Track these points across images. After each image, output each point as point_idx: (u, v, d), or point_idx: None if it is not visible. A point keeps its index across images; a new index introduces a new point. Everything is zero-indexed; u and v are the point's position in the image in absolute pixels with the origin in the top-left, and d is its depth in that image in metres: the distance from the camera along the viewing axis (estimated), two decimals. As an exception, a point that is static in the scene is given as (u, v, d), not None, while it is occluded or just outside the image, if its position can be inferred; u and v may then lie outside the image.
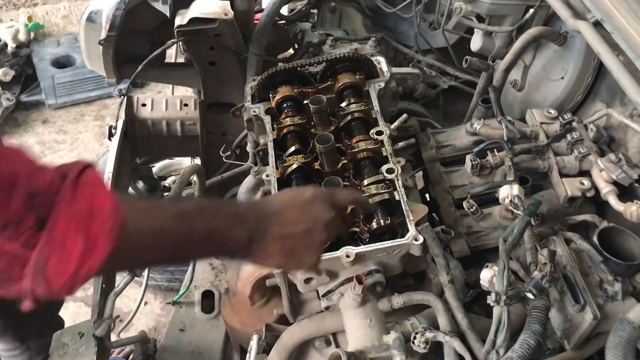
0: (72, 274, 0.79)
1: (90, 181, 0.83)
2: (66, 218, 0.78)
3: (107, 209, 0.81)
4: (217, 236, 1.00)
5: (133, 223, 0.87)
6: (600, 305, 1.18)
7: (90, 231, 0.79)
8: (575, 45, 1.74)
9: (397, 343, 1.15)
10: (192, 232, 0.96)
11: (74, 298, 3.36)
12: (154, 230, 0.91)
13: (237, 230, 1.02)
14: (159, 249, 0.94)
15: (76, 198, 0.80)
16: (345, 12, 2.55)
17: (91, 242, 0.79)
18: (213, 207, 1.03)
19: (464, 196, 1.59)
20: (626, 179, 1.41)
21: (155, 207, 0.96)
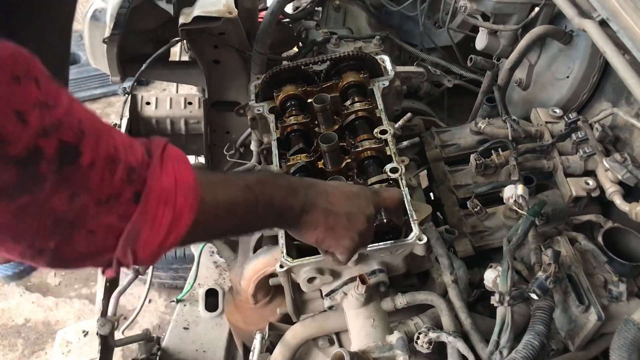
0: (159, 245, 0.84)
1: (174, 157, 0.88)
2: (156, 191, 0.83)
3: (190, 182, 0.87)
4: (277, 206, 1.06)
5: (210, 195, 0.93)
6: (604, 306, 1.18)
7: (177, 203, 0.84)
8: (580, 44, 1.73)
9: (400, 343, 1.14)
10: (258, 203, 1.02)
11: (79, 295, 3.37)
12: (228, 201, 0.97)
13: (291, 200, 1.08)
14: (232, 219, 1.00)
15: (164, 172, 0.85)
16: (350, 10, 2.54)
17: (177, 213, 0.84)
18: (272, 178, 1.10)
19: (468, 195, 1.58)
20: (632, 179, 1.40)
21: (227, 179, 1.02)
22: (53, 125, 0.74)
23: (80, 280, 3.45)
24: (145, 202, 0.82)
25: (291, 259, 1.23)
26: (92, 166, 0.77)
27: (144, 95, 2.66)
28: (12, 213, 0.74)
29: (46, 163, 0.73)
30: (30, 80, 0.73)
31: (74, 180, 0.76)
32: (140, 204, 0.81)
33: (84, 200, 0.77)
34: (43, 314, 3.29)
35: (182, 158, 0.90)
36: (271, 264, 1.45)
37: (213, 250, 2.34)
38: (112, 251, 0.83)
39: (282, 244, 1.27)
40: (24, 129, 0.70)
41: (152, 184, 0.82)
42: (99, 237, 0.81)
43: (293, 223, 1.12)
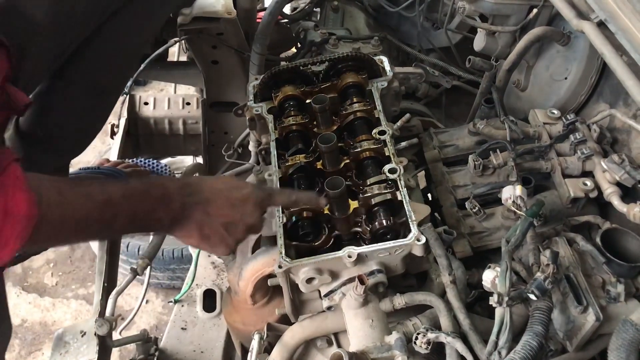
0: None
1: (8, 182, 0.87)
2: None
3: (22, 212, 0.86)
4: (141, 219, 1.06)
5: (57, 214, 0.92)
6: (602, 307, 1.18)
7: (2, 234, 0.85)
8: (579, 46, 1.74)
9: (398, 343, 1.14)
10: (116, 219, 1.02)
11: (76, 296, 3.37)
12: (79, 220, 0.96)
13: (161, 213, 1.08)
14: (83, 234, 1.01)
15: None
16: (348, 11, 2.54)
17: (2, 243, 0.85)
18: (141, 190, 1.08)
19: (466, 196, 1.59)
20: (629, 180, 1.40)
21: (82, 195, 0.99)
22: None
23: (78, 281, 3.44)
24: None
25: (290, 259, 1.23)
26: None
27: (142, 95, 2.66)
28: None
29: None
30: None
31: None
32: None
33: None
34: (40, 314, 3.28)
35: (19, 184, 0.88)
36: (270, 265, 1.45)
37: (211, 251, 2.33)
38: None
39: (281, 245, 1.27)
40: None
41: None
42: None
43: (162, 231, 1.15)
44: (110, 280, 1.74)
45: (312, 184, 1.41)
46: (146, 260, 1.69)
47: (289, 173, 1.41)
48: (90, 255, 3.49)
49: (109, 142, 2.67)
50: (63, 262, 3.53)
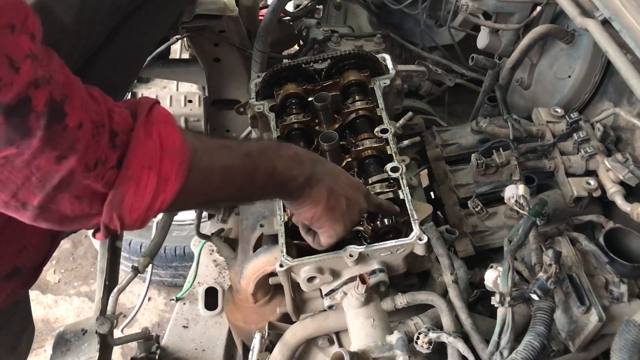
0: (145, 210, 0.84)
1: (160, 119, 0.87)
2: (140, 156, 0.82)
3: (177, 146, 0.85)
4: (279, 175, 1.05)
5: (205, 160, 0.92)
6: (605, 307, 1.17)
7: (162, 168, 0.83)
8: (582, 44, 1.73)
9: (400, 343, 1.14)
10: (257, 171, 1.01)
11: (78, 293, 3.37)
12: (225, 167, 0.96)
13: (296, 171, 1.07)
14: (228, 186, 0.99)
15: (148, 136, 0.84)
16: (351, 9, 2.54)
17: (163, 178, 0.83)
18: (275, 147, 1.09)
19: (469, 195, 1.58)
20: (633, 179, 1.39)
21: (225, 146, 1.00)
22: (44, 78, 0.74)
23: (80, 278, 3.45)
24: (127, 167, 0.81)
25: (291, 258, 1.23)
26: (79, 129, 0.76)
27: (144, 92, 2.66)
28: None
29: (35, 116, 0.73)
30: (25, 32, 0.73)
31: (61, 141, 0.75)
32: (123, 169, 0.81)
33: (71, 164, 0.77)
34: (42, 311, 3.29)
35: (169, 120, 0.88)
36: (271, 263, 1.45)
37: (213, 249, 2.34)
38: (98, 217, 0.83)
39: (282, 243, 1.26)
40: (15, 76, 0.70)
41: (135, 148, 0.82)
42: (85, 202, 0.81)
43: (294, 195, 1.10)
44: (111, 278, 1.73)
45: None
46: (148, 258, 1.69)
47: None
48: (93, 252, 3.50)
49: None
50: (65, 259, 3.54)
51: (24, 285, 1.28)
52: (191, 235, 2.49)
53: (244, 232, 1.63)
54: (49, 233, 1.30)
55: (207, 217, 2.44)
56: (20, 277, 1.23)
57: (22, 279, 1.24)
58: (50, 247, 1.30)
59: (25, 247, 1.21)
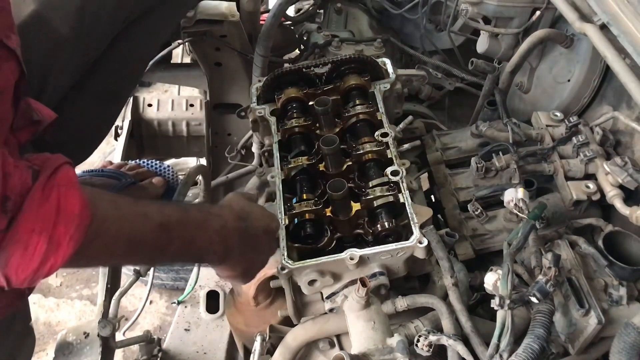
0: (32, 272, 0.82)
1: (62, 182, 0.84)
2: (31, 220, 0.80)
3: (75, 211, 0.83)
4: (196, 249, 1.04)
5: (112, 229, 0.89)
6: (604, 310, 1.18)
7: (55, 232, 0.81)
8: (581, 48, 1.74)
9: (400, 346, 1.14)
10: (171, 244, 0.99)
11: (80, 296, 3.38)
12: (133, 238, 0.93)
13: (217, 246, 1.06)
14: (133, 255, 0.97)
15: (45, 199, 0.81)
16: (351, 13, 2.55)
17: (54, 243, 0.81)
18: (200, 219, 1.06)
19: (469, 199, 1.59)
20: (632, 183, 1.40)
21: (140, 214, 0.96)
22: None
23: (82, 281, 3.46)
24: (16, 230, 0.80)
25: (292, 261, 1.24)
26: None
27: (146, 97, 2.67)
28: None
29: None
30: None
31: None
32: (11, 232, 0.79)
33: None
34: (44, 314, 3.29)
35: (73, 183, 0.86)
36: (272, 267, 1.45)
37: (214, 252, 2.34)
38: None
39: (283, 247, 1.27)
40: None
41: (27, 212, 0.80)
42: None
43: (211, 264, 1.13)
44: (113, 282, 1.74)
45: (314, 186, 1.42)
46: (149, 262, 1.70)
47: (292, 175, 1.42)
48: (94, 256, 3.49)
49: (113, 143, 2.68)
50: (67, 262, 3.54)
51: (19, 297, 1.27)
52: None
53: (245, 236, 1.63)
54: None
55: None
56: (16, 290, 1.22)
57: (17, 291, 1.23)
58: None
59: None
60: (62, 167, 0.86)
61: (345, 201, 1.31)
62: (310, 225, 1.32)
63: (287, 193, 1.40)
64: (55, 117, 1.19)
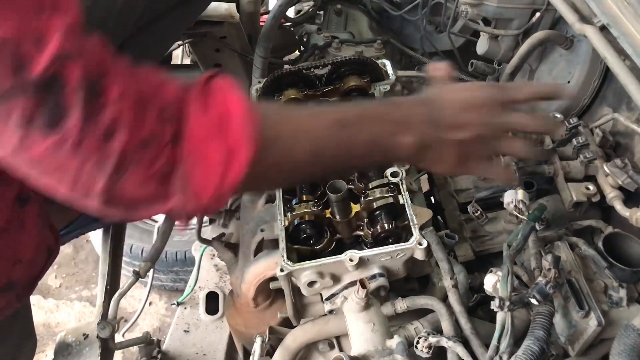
0: (218, 183, 0.75)
1: (220, 86, 0.79)
2: (201, 126, 0.74)
3: (244, 111, 0.77)
4: (382, 144, 0.92)
5: (284, 129, 0.82)
6: (604, 312, 1.17)
7: (229, 136, 0.75)
8: (581, 50, 1.74)
9: (400, 347, 1.14)
10: (353, 142, 0.89)
11: (79, 298, 3.38)
12: (312, 138, 0.85)
13: (405, 137, 0.92)
14: (317, 161, 0.88)
15: (209, 104, 0.76)
16: (351, 14, 2.55)
17: (231, 146, 0.75)
18: (377, 111, 0.95)
19: (468, 200, 1.59)
20: (632, 185, 1.40)
21: (310, 114, 0.90)
22: (77, 51, 0.68)
23: (81, 283, 3.46)
24: (188, 141, 0.73)
25: (291, 263, 1.24)
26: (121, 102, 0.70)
27: (145, 98, 2.67)
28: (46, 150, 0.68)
29: (70, 92, 0.67)
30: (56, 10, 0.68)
31: (103, 117, 0.69)
32: (183, 144, 0.73)
33: (122, 140, 0.70)
34: (44, 316, 3.29)
35: (232, 86, 0.79)
36: (272, 268, 1.45)
37: (214, 253, 2.34)
38: (169, 199, 0.75)
39: (283, 248, 1.27)
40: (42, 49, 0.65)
41: (192, 120, 0.74)
42: (152, 183, 0.74)
43: (410, 159, 1.00)
44: (112, 283, 1.74)
45: (314, 187, 1.41)
46: (149, 263, 1.69)
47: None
48: (94, 256, 3.50)
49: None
50: (67, 263, 3.54)
51: (19, 299, 1.25)
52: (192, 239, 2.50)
53: (244, 237, 1.63)
54: (45, 246, 1.27)
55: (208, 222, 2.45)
56: (15, 291, 1.20)
57: (17, 293, 1.22)
58: (46, 261, 1.27)
59: (19, 260, 1.17)
60: (215, 75, 0.80)
61: (344, 202, 1.31)
62: (310, 226, 1.31)
63: (287, 194, 1.40)
64: None
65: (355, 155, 0.92)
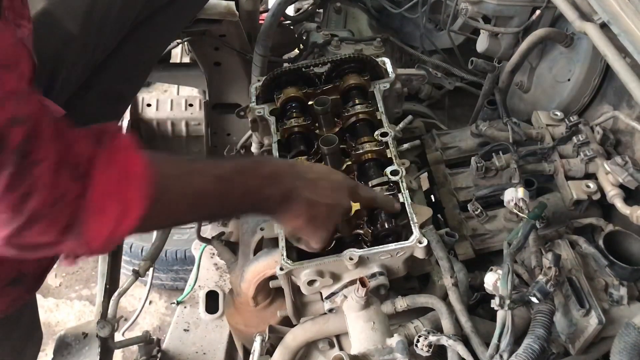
0: (108, 236, 0.84)
1: (125, 145, 0.87)
2: (103, 183, 0.83)
3: (141, 172, 0.86)
4: (252, 196, 1.05)
5: (174, 186, 0.92)
6: (605, 310, 1.17)
7: (127, 194, 0.84)
8: (582, 47, 1.73)
9: (400, 346, 1.14)
10: (229, 194, 1.01)
11: (79, 297, 3.38)
12: (195, 193, 0.96)
13: (271, 189, 1.06)
14: (198, 210, 1.00)
15: (112, 163, 0.84)
16: (351, 13, 2.54)
17: (127, 205, 0.84)
18: (251, 167, 1.08)
19: (468, 198, 1.58)
20: (632, 182, 1.40)
21: (196, 170, 0.99)
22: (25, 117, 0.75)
23: (81, 282, 3.45)
24: (90, 196, 0.82)
25: (291, 261, 1.23)
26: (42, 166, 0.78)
27: (145, 96, 2.66)
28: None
29: (8, 153, 0.74)
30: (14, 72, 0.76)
31: (26, 180, 0.76)
32: (86, 199, 0.82)
33: (36, 202, 0.78)
34: (43, 315, 3.29)
35: (135, 146, 0.88)
36: (271, 267, 1.45)
37: (213, 252, 2.34)
38: (63, 244, 0.84)
39: (282, 247, 1.27)
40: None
41: (97, 177, 0.82)
42: (51, 232, 0.82)
43: (271, 212, 1.12)
44: (112, 282, 1.74)
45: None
46: (149, 262, 1.70)
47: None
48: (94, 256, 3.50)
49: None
50: (66, 263, 3.54)
51: (29, 291, 1.28)
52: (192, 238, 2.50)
53: (244, 236, 1.63)
54: None
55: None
56: (25, 283, 1.23)
57: (27, 285, 1.25)
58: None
59: None
60: (120, 133, 0.88)
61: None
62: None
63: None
64: (63, 113, 1.20)
65: (231, 206, 1.04)
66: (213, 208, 1.02)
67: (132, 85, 1.68)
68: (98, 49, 1.44)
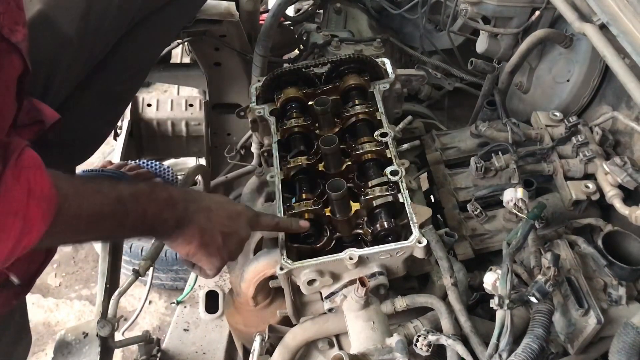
0: (8, 253, 0.87)
1: (29, 164, 0.88)
2: (6, 202, 0.84)
3: (45, 191, 0.87)
4: (149, 219, 1.08)
5: (74, 207, 0.94)
6: (604, 310, 1.18)
7: (28, 213, 0.86)
8: (581, 48, 1.74)
9: (399, 346, 1.14)
10: (127, 216, 1.04)
11: (79, 297, 3.38)
12: (94, 214, 0.98)
13: (166, 214, 1.10)
14: (98, 229, 1.02)
15: (16, 181, 0.85)
16: (351, 13, 2.55)
17: (28, 224, 0.86)
18: (148, 192, 1.10)
19: (468, 199, 1.59)
20: (631, 183, 1.40)
21: (96, 191, 1.02)
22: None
23: (81, 282, 3.45)
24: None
25: (291, 261, 1.24)
26: None
27: (145, 97, 2.67)
28: None
29: None
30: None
31: None
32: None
33: None
34: (43, 315, 3.29)
35: (39, 165, 0.89)
36: (271, 266, 1.45)
37: (213, 252, 2.34)
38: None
39: (282, 247, 1.27)
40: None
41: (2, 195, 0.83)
42: None
43: (165, 236, 1.15)
44: (112, 282, 1.74)
45: (313, 185, 1.41)
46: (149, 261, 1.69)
47: (291, 175, 1.42)
48: (94, 255, 3.50)
49: (112, 143, 2.68)
50: (66, 262, 3.54)
51: (16, 296, 1.29)
52: (192, 238, 2.49)
53: (244, 236, 1.63)
54: None
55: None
56: (12, 288, 1.24)
57: (14, 290, 1.25)
58: (44, 259, 1.30)
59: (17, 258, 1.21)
60: (25, 149, 0.89)
61: (344, 201, 1.31)
62: (310, 225, 1.31)
63: (287, 193, 1.40)
64: (58, 118, 1.20)
65: (128, 228, 1.07)
66: (112, 228, 1.04)
67: (130, 86, 1.68)
68: (95, 50, 1.44)
